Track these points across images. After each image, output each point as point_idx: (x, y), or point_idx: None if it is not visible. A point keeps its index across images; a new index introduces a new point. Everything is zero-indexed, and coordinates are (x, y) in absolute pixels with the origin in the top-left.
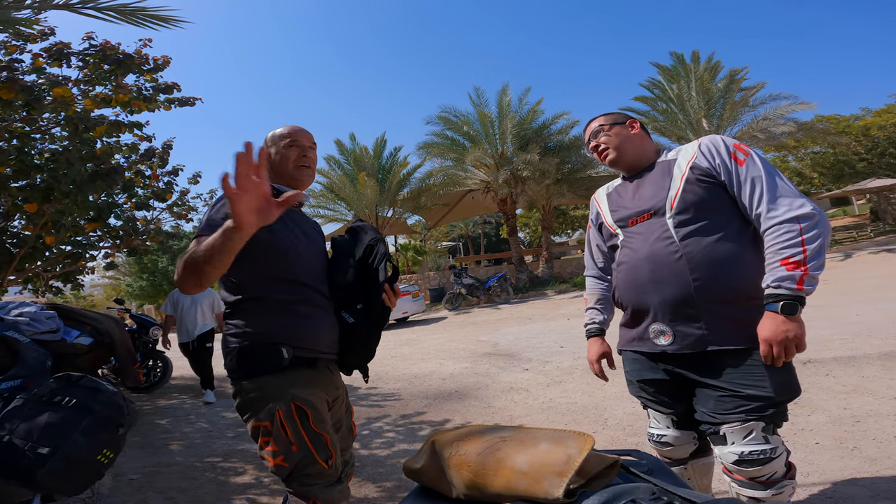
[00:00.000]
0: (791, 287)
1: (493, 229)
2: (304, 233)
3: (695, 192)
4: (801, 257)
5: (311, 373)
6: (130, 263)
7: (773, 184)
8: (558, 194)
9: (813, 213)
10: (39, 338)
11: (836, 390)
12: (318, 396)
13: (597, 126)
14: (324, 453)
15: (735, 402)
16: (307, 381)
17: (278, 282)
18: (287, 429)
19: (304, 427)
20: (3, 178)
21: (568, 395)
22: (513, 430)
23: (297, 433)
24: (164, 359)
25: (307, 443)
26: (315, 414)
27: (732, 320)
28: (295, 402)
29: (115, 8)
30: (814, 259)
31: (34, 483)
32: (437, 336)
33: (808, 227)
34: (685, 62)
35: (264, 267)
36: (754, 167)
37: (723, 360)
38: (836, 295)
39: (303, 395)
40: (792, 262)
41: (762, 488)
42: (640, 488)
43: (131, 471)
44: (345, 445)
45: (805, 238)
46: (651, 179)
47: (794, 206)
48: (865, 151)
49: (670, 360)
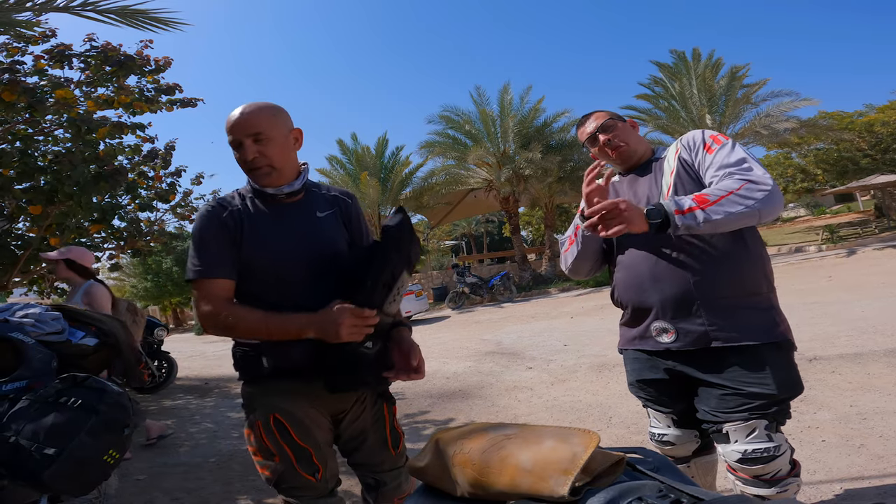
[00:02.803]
0: (670, 208)
1: (496, 228)
2: (297, 234)
3: (685, 188)
4: (713, 199)
5: (298, 384)
6: (135, 265)
7: (742, 163)
8: (560, 192)
9: (767, 183)
10: (44, 339)
11: (842, 388)
12: (305, 409)
13: (607, 119)
14: (308, 467)
15: (737, 400)
16: (293, 392)
17: (264, 287)
18: (266, 440)
19: (285, 440)
20: (6, 181)
21: (572, 393)
22: (517, 427)
23: (278, 445)
24: (170, 359)
25: (289, 455)
26: (297, 427)
27: (734, 316)
28: (275, 413)
29: (116, 10)
30: (720, 212)
31: (41, 484)
32: (441, 335)
33: (750, 188)
34: (686, 60)
35: (251, 277)
36: (722, 151)
37: (725, 358)
38: (841, 292)
39: (285, 406)
40: (701, 197)
41: (766, 486)
42: (646, 486)
43: (137, 471)
44: (376, 460)
45: (736, 192)
46: (646, 178)
47: (756, 174)
48: (869, 148)
49: (673, 357)
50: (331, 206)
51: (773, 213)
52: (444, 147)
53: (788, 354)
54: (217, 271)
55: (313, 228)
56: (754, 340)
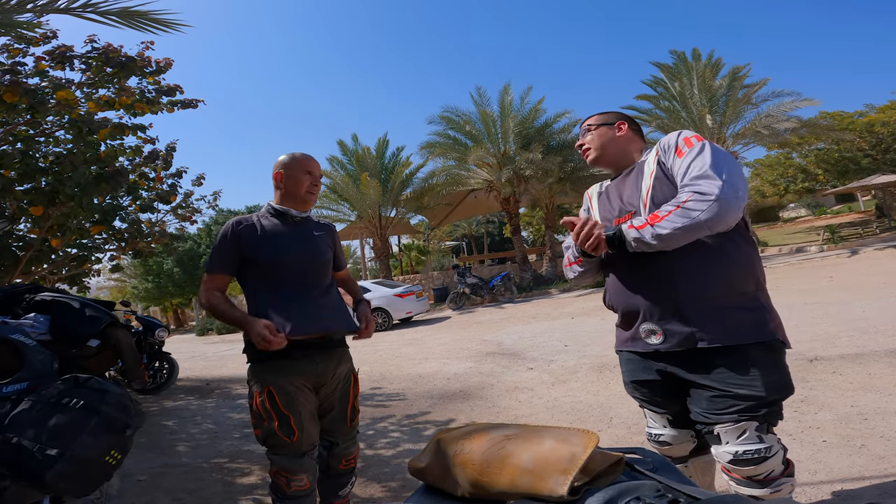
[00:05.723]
0: (625, 228)
1: (497, 228)
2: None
3: (662, 190)
4: (661, 214)
5: (286, 362)
6: (136, 265)
7: (706, 169)
8: (561, 193)
9: (715, 196)
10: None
11: (843, 388)
12: (293, 382)
13: (585, 125)
14: (286, 430)
15: (727, 402)
16: (282, 369)
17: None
18: (260, 407)
19: (273, 407)
20: (8, 182)
21: (573, 394)
22: (517, 428)
23: (267, 411)
24: (171, 360)
25: (274, 420)
26: (283, 397)
27: (720, 316)
28: (269, 386)
29: (117, 12)
30: (667, 227)
31: (43, 484)
32: (442, 336)
33: (695, 199)
34: (686, 60)
35: (255, 276)
36: (687, 158)
37: (714, 359)
38: (841, 292)
39: (277, 381)
40: (654, 214)
41: (760, 486)
42: (644, 485)
43: (139, 472)
44: (334, 428)
45: (682, 205)
46: (630, 180)
47: (707, 185)
48: (870, 148)
49: (663, 358)
50: (321, 229)
51: (723, 223)
52: (445, 148)
53: (778, 355)
54: (217, 269)
55: (313, 240)
56: (741, 341)
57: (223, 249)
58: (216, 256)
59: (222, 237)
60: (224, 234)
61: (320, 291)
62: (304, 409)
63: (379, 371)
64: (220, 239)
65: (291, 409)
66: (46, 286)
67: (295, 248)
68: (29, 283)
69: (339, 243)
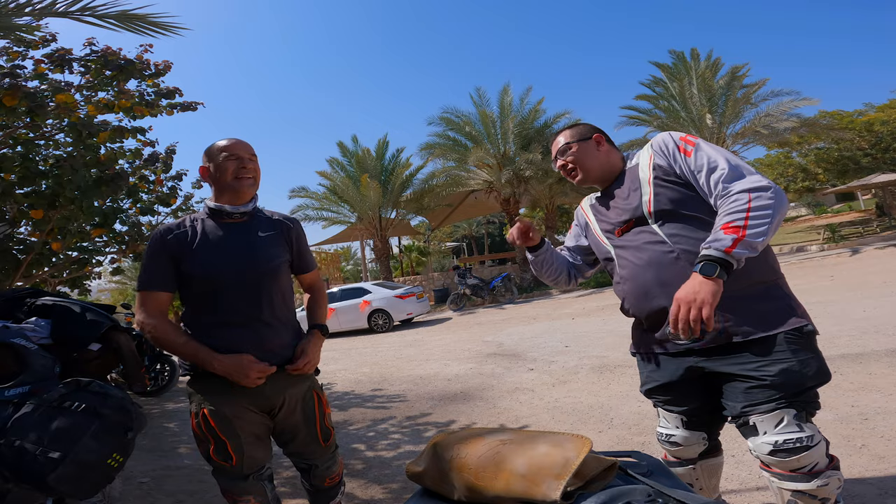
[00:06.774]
0: (718, 248)
1: (497, 229)
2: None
3: (666, 193)
4: (741, 223)
5: (226, 384)
6: (136, 268)
7: (727, 166)
8: (561, 194)
9: (767, 185)
10: (47, 343)
11: (843, 388)
12: (231, 405)
13: (563, 144)
14: (222, 455)
15: (763, 391)
16: (220, 390)
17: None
18: (195, 428)
19: (209, 430)
20: (8, 185)
21: (573, 395)
22: (512, 432)
23: (203, 433)
24: (171, 362)
25: (210, 442)
26: (219, 421)
27: (749, 308)
28: (202, 408)
29: (115, 15)
30: (755, 227)
31: (46, 487)
32: (442, 337)
33: (758, 196)
34: (685, 60)
35: (188, 293)
36: (701, 155)
37: (746, 351)
38: (842, 291)
39: (215, 401)
40: (731, 227)
41: (806, 480)
42: (636, 490)
43: (141, 474)
44: (308, 451)
45: (752, 206)
46: (624, 189)
47: (750, 180)
48: (869, 147)
49: (695, 355)
50: (272, 227)
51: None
52: (445, 149)
53: (811, 340)
54: (154, 286)
55: (257, 243)
56: (773, 330)
57: (155, 262)
58: (149, 271)
59: (150, 251)
60: (152, 247)
61: (263, 309)
62: (245, 431)
63: (379, 372)
64: (148, 253)
65: (228, 432)
66: (47, 289)
67: (231, 256)
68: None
69: (304, 240)
